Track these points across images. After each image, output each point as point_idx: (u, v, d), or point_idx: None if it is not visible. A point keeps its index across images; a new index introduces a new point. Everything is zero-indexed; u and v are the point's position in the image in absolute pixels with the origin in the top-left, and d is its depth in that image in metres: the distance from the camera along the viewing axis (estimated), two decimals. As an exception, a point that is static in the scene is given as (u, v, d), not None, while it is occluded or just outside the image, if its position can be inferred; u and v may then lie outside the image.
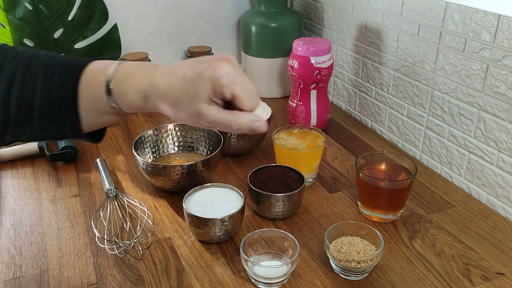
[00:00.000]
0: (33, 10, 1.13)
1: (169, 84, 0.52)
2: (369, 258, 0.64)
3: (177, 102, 0.51)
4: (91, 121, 0.54)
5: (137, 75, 0.53)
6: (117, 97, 0.52)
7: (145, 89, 0.52)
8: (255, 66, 1.25)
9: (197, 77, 0.50)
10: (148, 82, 0.52)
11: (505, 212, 0.79)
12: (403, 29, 0.95)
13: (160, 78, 0.52)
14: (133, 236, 0.73)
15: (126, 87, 0.52)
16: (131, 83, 0.52)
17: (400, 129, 1.01)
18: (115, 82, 0.52)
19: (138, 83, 0.52)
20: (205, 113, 0.50)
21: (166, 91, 0.51)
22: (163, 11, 1.28)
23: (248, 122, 0.51)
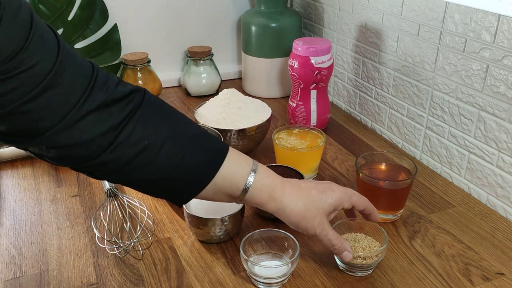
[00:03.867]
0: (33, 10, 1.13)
1: (302, 194, 0.62)
2: (374, 254, 0.64)
3: (304, 211, 0.61)
4: (209, 195, 0.59)
5: (273, 178, 0.62)
6: (252, 190, 0.59)
7: (278, 193, 0.61)
8: (255, 66, 1.25)
9: (322, 195, 0.63)
10: (281, 187, 0.61)
11: (505, 212, 0.79)
12: (403, 29, 0.95)
13: (290, 187, 0.62)
14: (133, 236, 0.73)
15: (264, 185, 0.60)
16: (268, 183, 0.61)
17: (400, 129, 1.01)
18: (256, 177, 0.59)
19: (273, 185, 0.61)
20: (325, 226, 0.62)
21: (297, 200, 0.61)
22: (163, 11, 1.28)
23: (342, 249, 0.63)
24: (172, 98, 1.28)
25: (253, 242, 0.68)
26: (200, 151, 0.57)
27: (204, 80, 1.27)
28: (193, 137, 0.57)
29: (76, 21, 1.18)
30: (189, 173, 0.56)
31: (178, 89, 1.34)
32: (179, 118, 0.58)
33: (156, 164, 0.54)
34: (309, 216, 0.61)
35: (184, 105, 1.23)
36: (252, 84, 1.28)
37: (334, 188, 0.64)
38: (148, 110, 0.54)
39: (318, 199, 0.62)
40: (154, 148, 0.53)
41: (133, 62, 1.20)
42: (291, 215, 0.61)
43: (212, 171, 0.57)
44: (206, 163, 0.57)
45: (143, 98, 0.54)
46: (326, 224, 0.62)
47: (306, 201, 0.62)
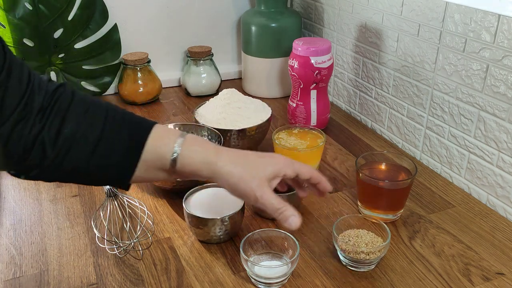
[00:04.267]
0: (33, 10, 1.13)
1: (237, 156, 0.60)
2: (377, 249, 0.65)
3: (241, 174, 0.58)
4: (143, 174, 0.58)
5: (204, 144, 0.60)
6: (182, 158, 0.58)
7: (212, 157, 0.59)
8: (255, 66, 1.25)
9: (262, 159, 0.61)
10: (215, 152, 0.59)
11: (505, 212, 0.79)
12: (403, 29, 0.95)
13: (226, 152, 0.60)
14: (133, 236, 0.73)
15: (193, 151, 0.58)
16: (198, 149, 0.59)
17: (400, 129, 1.01)
18: (183, 147, 0.58)
19: (205, 151, 0.59)
20: (266, 190, 0.59)
21: (234, 161, 0.59)
22: (163, 11, 1.28)
23: (288, 215, 0.58)
24: (172, 98, 1.28)
25: (253, 242, 0.68)
26: (123, 131, 0.56)
27: (204, 80, 1.27)
28: (113, 119, 0.56)
29: (76, 21, 1.18)
30: (114, 154, 0.55)
31: (178, 89, 1.34)
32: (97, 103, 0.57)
33: (80, 152, 0.54)
34: (247, 178, 0.58)
35: (184, 105, 1.23)
36: (252, 84, 1.28)
37: (275, 155, 0.63)
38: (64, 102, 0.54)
39: (258, 163, 0.60)
40: (75, 136, 0.53)
41: (133, 62, 1.20)
42: (229, 177, 0.58)
43: (138, 148, 0.56)
44: (130, 142, 0.56)
45: (63, 91, 0.55)
46: (267, 188, 0.59)
47: (244, 164, 0.59)
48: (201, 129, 0.92)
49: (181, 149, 0.57)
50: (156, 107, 1.22)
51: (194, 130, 0.92)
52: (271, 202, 0.58)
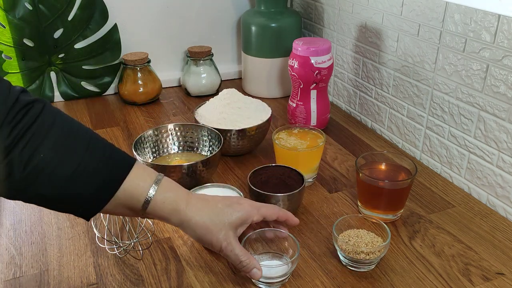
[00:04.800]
0: (33, 10, 1.13)
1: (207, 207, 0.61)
2: (377, 249, 0.65)
3: (209, 225, 0.60)
4: (110, 209, 0.57)
5: (177, 191, 0.61)
6: (151, 205, 0.58)
7: (182, 206, 0.60)
8: (255, 66, 1.25)
9: (229, 208, 0.62)
10: (186, 200, 0.61)
11: (505, 212, 0.79)
12: (403, 29, 0.95)
13: (196, 201, 0.61)
14: (133, 236, 0.73)
15: (166, 198, 0.59)
16: (172, 196, 0.60)
17: (400, 129, 1.01)
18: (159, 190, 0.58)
19: (177, 199, 0.60)
20: (231, 241, 0.61)
21: (202, 213, 0.60)
22: (163, 11, 1.28)
23: (251, 266, 0.61)
24: (172, 98, 1.28)
25: (253, 242, 0.67)
26: (101, 167, 0.55)
27: (204, 80, 1.27)
28: (93, 152, 0.55)
29: (76, 21, 1.18)
30: (88, 189, 0.54)
31: (178, 89, 1.34)
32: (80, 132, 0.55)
33: (52, 181, 0.52)
34: (214, 229, 0.60)
35: (184, 105, 1.23)
36: (252, 84, 1.28)
37: (242, 202, 0.64)
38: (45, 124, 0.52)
39: (225, 212, 0.61)
40: (49, 164, 0.51)
41: (133, 62, 1.20)
42: (196, 228, 0.60)
43: (113, 187, 0.55)
44: (106, 179, 0.55)
45: (42, 110, 0.52)
46: (233, 239, 0.61)
47: (211, 214, 0.61)
48: (201, 129, 0.92)
49: (155, 194, 0.58)
50: (156, 107, 1.22)
51: (194, 130, 0.92)
52: (235, 253, 0.61)
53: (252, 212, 0.63)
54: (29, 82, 1.19)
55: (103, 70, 1.26)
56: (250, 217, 0.63)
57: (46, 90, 1.22)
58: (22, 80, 1.18)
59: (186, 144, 0.93)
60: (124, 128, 1.10)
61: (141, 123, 1.13)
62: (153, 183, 0.58)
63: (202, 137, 0.92)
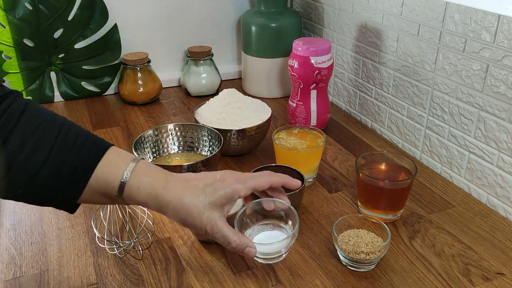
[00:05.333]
0: (33, 10, 1.13)
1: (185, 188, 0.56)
2: (377, 249, 0.65)
3: (189, 207, 0.56)
4: (87, 197, 0.55)
5: (153, 175, 0.56)
6: (127, 190, 0.55)
7: (158, 191, 0.56)
8: (255, 66, 1.25)
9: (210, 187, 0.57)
10: (162, 184, 0.56)
11: (505, 212, 0.79)
12: (403, 29, 0.95)
13: (175, 182, 0.57)
14: (133, 236, 0.73)
15: (140, 184, 0.55)
16: (146, 182, 0.55)
17: (400, 129, 1.01)
18: (131, 177, 0.55)
19: (153, 183, 0.56)
20: (217, 222, 0.56)
21: (181, 195, 0.56)
22: (163, 11, 1.28)
23: (243, 245, 0.57)
24: (172, 98, 1.28)
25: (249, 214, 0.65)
26: (73, 153, 0.53)
27: (204, 80, 1.27)
28: (64, 139, 0.53)
29: (76, 21, 1.18)
30: (61, 176, 0.52)
31: (178, 89, 1.34)
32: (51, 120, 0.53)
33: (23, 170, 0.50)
34: (194, 212, 0.55)
35: (184, 105, 1.23)
36: (252, 84, 1.28)
37: (226, 177, 0.58)
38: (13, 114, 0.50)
39: (206, 192, 0.56)
40: (20, 153, 0.50)
41: (133, 62, 1.20)
42: (176, 212, 0.56)
43: (86, 173, 0.53)
44: (78, 165, 0.53)
45: (12, 102, 0.51)
46: (218, 220, 0.56)
47: (191, 195, 0.56)
48: (201, 129, 0.92)
49: (129, 178, 0.54)
50: (156, 107, 1.22)
51: (194, 130, 0.92)
52: (223, 234, 0.57)
53: (237, 187, 0.58)
54: (29, 82, 1.19)
55: (103, 70, 1.26)
56: (236, 193, 0.58)
57: (46, 90, 1.22)
58: (22, 80, 1.18)
59: (186, 144, 0.93)
60: (124, 128, 1.10)
61: (141, 123, 1.13)
62: (126, 168, 0.55)
63: (202, 137, 0.92)
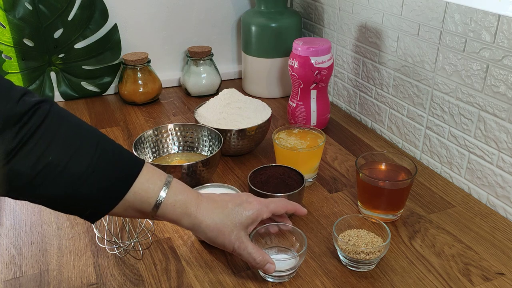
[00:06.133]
0: (33, 10, 1.13)
1: (217, 209, 0.61)
2: (377, 249, 0.65)
3: (221, 226, 0.61)
4: (119, 212, 0.57)
5: (187, 194, 0.60)
6: (162, 208, 0.58)
7: (192, 209, 0.60)
8: (255, 66, 1.25)
9: (239, 207, 0.62)
10: (196, 202, 0.60)
11: (505, 212, 0.79)
12: (403, 29, 0.95)
13: (208, 202, 0.61)
14: (133, 236, 0.73)
15: (174, 203, 0.58)
16: (181, 200, 0.59)
17: (400, 129, 1.01)
18: (167, 195, 0.58)
19: (187, 202, 0.59)
20: (243, 240, 0.61)
21: (213, 215, 0.60)
22: (163, 11, 1.28)
23: (264, 261, 0.62)
24: (172, 98, 1.28)
25: (259, 237, 0.68)
26: (110, 168, 0.54)
27: (204, 80, 1.27)
28: (103, 153, 0.54)
29: (76, 21, 1.18)
30: (97, 190, 0.53)
31: (178, 89, 1.34)
32: (89, 132, 0.54)
33: (61, 181, 0.51)
34: (225, 231, 0.61)
35: (184, 105, 1.23)
36: (252, 84, 1.28)
37: (251, 200, 0.64)
38: (53, 124, 0.51)
39: (235, 212, 0.62)
40: (59, 164, 0.50)
41: (133, 62, 1.20)
42: (207, 231, 0.60)
43: (123, 189, 0.55)
44: (116, 181, 0.54)
45: (49, 111, 0.51)
46: (244, 238, 0.62)
47: (222, 215, 0.61)
48: (201, 129, 0.92)
49: (165, 197, 0.57)
50: (156, 107, 1.22)
51: (194, 130, 0.92)
52: (248, 252, 0.61)
53: (262, 210, 0.64)
54: (29, 82, 1.19)
55: (103, 70, 1.26)
56: (260, 215, 0.63)
57: (46, 90, 1.22)
58: (22, 80, 1.18)
59: (186, 144, 0.93)
60: (124, 128, 1.10)
61: (141, 123, 1.13)
62: (163, 186, 0.57)
63: (202, 137, 0.92)
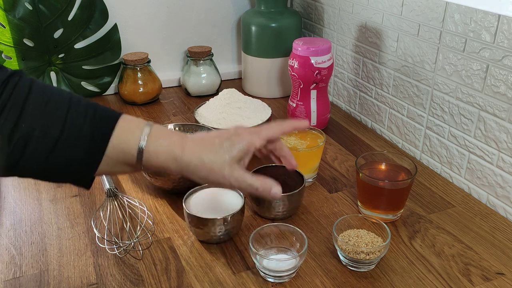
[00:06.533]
0: (33, 10, 1.13)
1: (203, 146, 0.57)
2: (377, 249, 0.65)
3: (209, 164, 0.56)
4: (106, 168, 0.55)
5: (170, 138, 0.57)
6: (146, 156, 0.55)
7: (178, 152, 0.56)
8: (255, 66, 1.25)
9: (227, 141, 0.57)
10: (181, 145, 0.56)
11: (505, 212, 0.79)
12: (403, 29, 0.95)
13: (192, 142, 0.57)
14: (133, 236, 0.73)
15: (158, 148, 0.55)
16: (165, 145, 0.56)
17: (400, 129, 1.01)
18: (148, 141, 0.55)
19: (171, 145, 0.56)
20: (235, 174, 0.57)
21: (200, 154, 0.56)
22: (163, 11, 1.28)
23: (269, 187, 0.58)
24: (172, 98, 1.28)
25: (261, 237, 0.68)
26: (85, 127, 0.52)
27: (204, 80, 1.27)
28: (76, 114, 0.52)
29: (76, 21, 1.18)
30: (77, 151, 0.52)
31: (178, 89, 1.34)
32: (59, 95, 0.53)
33: (39, 149, 0.50)
34: (215, 168, 0.56)
35: (184, 105, 1.23)
36: (252, 84, 1.28)
37: (240, 132, 0.59)
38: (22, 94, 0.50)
39: (224, 148, 0.57)
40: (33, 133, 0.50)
41: (133, 62, 1.20)
42: (197, 171, 0.56)
43: (102, 144, 0.53)
44: (93, 138, 0.53)
45: (17, 82, 0.51)
46: (238, 171, 0.57)
47: (209, 153, 0.56)
48: (201, 129, 0.91)
49: (146, 144, 0.54)
50: (156, 107, 1.22)
51: (194, 130, 0.92)
52: (248, 183, 0.57)
53: (253, 139, 0.59)
54: (29, 82, 1.19)
55: (103, 70, 1.26)
56: (252, 145, 0.59)
57: (46, 90, 1.22)
58: (22, 80, 1.18)
59: (186, 144, 0.93)
60: (124, 128, 1.10)
61: (141, 123, 1.13)
62: (142, 134, 0.55)
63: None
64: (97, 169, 0.54)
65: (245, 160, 0.59)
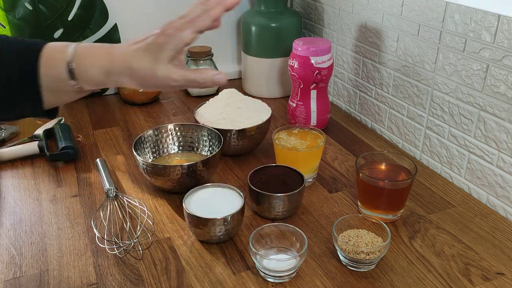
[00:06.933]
0: (33, 10, 1.13)
1: (129, 54, 0.55)
2: (377, 249, 0.65)
3: (140, 70, 0.55)
4: (52, 98, 0.56)
5: (96, 52, 0.56)
6: (78, 75, 0.54)
7: (107, 64, 0.55)
8: (255, 66, 1.25)
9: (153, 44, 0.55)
10: (108, 57, 0.55)
11: (505, 212, 0.79)
12: (403, 29, 0.95)
13: (119, 52, 0.56)
14: (133, 236, 0.73)
15: (87, 65, 0.55)
16: (92, 60, 0.55)
17: (400, 129, 1.01)
18: (75, 60, 0.54)
19: (99, 59, 0.55)
20: (172, 75, 0.55)
21: (128, 62, 0.55)
22: (163, 11, 1.28)
23: (211, 76, 0.56)
24: (172, 98, 1.28)
25: (261, 237, 0.68)
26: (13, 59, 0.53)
27: (204, 80, 1.27)
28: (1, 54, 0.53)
29: (76, 21, 1.18)
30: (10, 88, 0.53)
31: (178, 89, 1.34)
32: None
33: None
34: (148, 73, 0.54)
35: (184, 105, 1.23)
36: (252, 84, 1.28)
37: (165, 30, 0.57)
38: None
39: (150, 51, 0.55)
40: None
41: (133, 62, 1.20)
42: (133, 80, 0.55)
43: (32, 77, 0.53)
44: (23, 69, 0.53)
45: None
46: (175, 69, 0.55)
47: (137, 60, 0.55)
48: (201, 129, 0.92)
49: (74, 67, 0.54)
50: (156, 107, 1.22)
51: (194, 130, 0.92)
52: (188, 78, 0.55)
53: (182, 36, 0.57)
54: (29, 82, 1.19)
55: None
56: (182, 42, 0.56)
57: (46, 90, 1.22)
58: (22, 80, 1.18)
59: (186, 144, 0.93)
60: (124, 128, 1.10)
61: (141, 123, 1.13)
62: (66, 58, 0.54)
63: (202, 137, 0.92)
64: (42, 100, 0.55)
65: (180, 57, 0.57)
